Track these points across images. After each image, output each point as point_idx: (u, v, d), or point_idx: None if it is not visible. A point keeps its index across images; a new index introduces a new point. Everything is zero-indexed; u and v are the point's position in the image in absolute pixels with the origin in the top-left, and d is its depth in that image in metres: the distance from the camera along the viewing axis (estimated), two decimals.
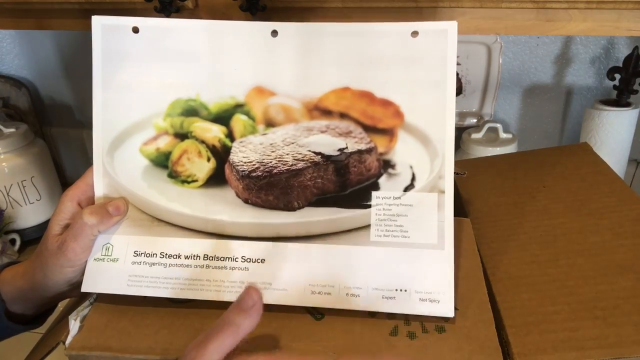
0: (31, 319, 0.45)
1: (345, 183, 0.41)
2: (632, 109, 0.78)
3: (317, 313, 0.38)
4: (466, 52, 0.86)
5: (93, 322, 0.38)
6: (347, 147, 0.41)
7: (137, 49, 0.41)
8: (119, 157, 0.42)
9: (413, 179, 0.40)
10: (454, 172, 0.53)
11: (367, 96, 0.40)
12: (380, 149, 0.41)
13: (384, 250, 0.39)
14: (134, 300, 0.40)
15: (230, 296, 0.38)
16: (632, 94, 0.78)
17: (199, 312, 0.39)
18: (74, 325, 0.38)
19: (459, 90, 0.90)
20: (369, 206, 0.40)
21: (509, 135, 0.86)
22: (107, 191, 0.42)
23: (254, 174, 0.40)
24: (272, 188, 0.40)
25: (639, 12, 0.53)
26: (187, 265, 0.40)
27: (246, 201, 0.41)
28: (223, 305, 0.38)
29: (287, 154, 0.40)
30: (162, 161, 0.42)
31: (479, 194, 0.54)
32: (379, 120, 0.40)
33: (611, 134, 0.79)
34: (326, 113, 0.41)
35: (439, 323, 0.37)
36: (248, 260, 0.39)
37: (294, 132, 0.41)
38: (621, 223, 0.46)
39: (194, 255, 0.40)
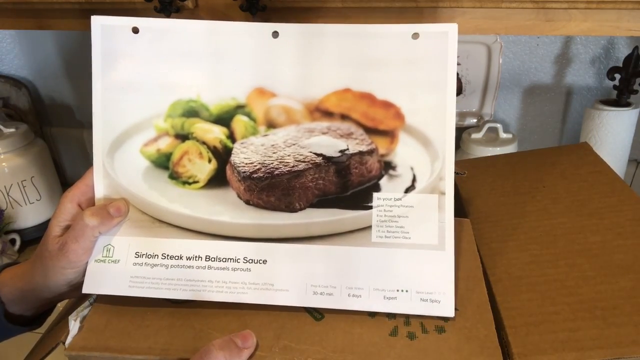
0: (30, 320, 0.45)
1: (346, 184, 0.41)
2: (632, 109, 0.78)
3: (317, 313, 0.38)
4: (466, 52, 0.86)
5: (93, 322, 0.38)
6: (348, 149, 0.41)
7: (137, 49, 0.41)
8: (119, 158, 0.42)
9: (414, 180, 0.40)
10: (454, 172, 0.53)
11: (368, 98, 0.40)
12: (381, 151, 0.41)
13: (385, 251, 0.39)
14: (134, 301, 0.40)
15: (232, 297, 0.38)
16: (632, 94, 0.78)
17: (199, 312, 0.39)
18: (73, 325, 0.38)
19: (459, 90, 0.90)
20: (370, 207, 0.40)
21: (509, 135, 0.86)
22: (108, 192, 0.42)
23: (256, 175, 0.40)
24: (273, 189, 0.40)
25: (639, 12, 0.53)
26: (189, 267, 0.40)
27: (248, 202, 0.41)
28: (223, 306, 0.39)
29: (289, 155, 0.40)
30: (163, 162, 0.42)
31: (479, 194, 0.54)
32: (379, 121, 0.40)
33: (611, 134, 0.79)
34: (327, 114, 0.41)
35: (439, 323, 0.37)
36: (250, 261, 0.39)
37: (295, 134, 0.41)
38: (621, 223, 0.46)
39: (196, 256, 0.40)
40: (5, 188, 0.89)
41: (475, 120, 0.91)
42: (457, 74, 0.89)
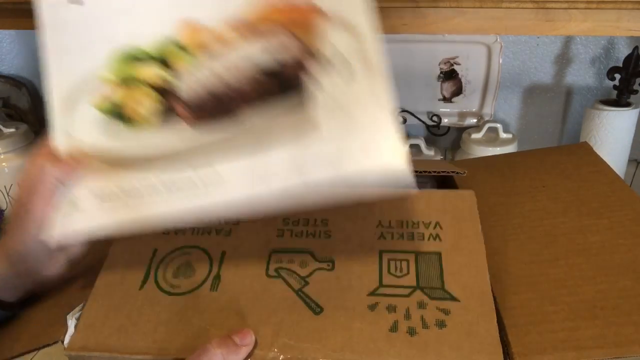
0: (10, 305, 0.44)
1: (290, 92, 0.41)
2: (632, 109, 0.78)
3: (316, 306, 0.38)
4: (466, 52, 0.86)
5: (90, 318, 0.39)
6: (285, 58, 0.41)
7: (74, 14, 0.43)
8: (74, 116, 0.43)
9: (348, 67, 0.40)
10: (454, 172, 0.53)
11: (292, 5, 0.41)
12: (313, 48, 0.41)
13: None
14: (131, 296, 0.40)
15: (186, 202, 0.39)
16: (632, 94, 0.78)
17: (196, 308, 0.39)
18: (71, 324, 0.38)
19: (459, 90, 0.90)
20: (312, 96, 0.39)
21: (509, 135, 0.86)
22: (68, 149, 0.42)
23: (202, 102, 0.41)
24: (220, 112, 0.41)
25: (639, 12, 0.53)
26: (146, 189, 0.40)
27: (198, 128, 0.41)
28: (222, 302, 0.39)
29: (231, 78, 0.41)
30: (115, 111, 0.43)
31: (479, 194, 0.54)
32: (305, 24, 0.41)
33: (611, 134, 0.79)
34: (256, 29, 0.41)
35: (440, 317, 0.37)
36: (199, 171, 0.40)
37: (230, 55, 0.42)
38: (621, 223, 0.46)
39: (151, 185, 0.40)
40: (5, 188, 0.89)
41: (475, 120, 0.91)
42: (458, 74, 0.89)
